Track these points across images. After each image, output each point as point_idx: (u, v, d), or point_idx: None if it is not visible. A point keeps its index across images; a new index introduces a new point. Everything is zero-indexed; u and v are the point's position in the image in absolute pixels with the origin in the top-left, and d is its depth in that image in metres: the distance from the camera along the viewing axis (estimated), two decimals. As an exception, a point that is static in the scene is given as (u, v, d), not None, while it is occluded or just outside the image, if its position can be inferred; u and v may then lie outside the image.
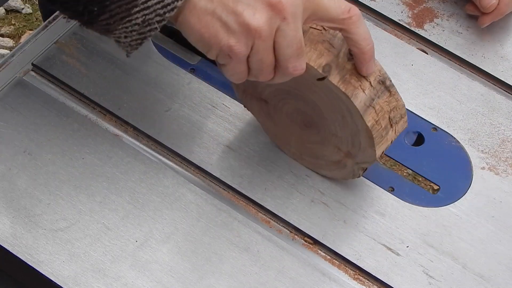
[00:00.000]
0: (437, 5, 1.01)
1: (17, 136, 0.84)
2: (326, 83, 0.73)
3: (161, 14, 0.66)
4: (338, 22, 0.70)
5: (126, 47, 0.70)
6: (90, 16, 0.67)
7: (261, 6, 0.66)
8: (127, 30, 0.68)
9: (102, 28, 0.68)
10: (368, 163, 0.81)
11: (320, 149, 0.82)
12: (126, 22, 0.67)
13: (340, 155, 0.81)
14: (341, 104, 0.75)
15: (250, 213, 0.82)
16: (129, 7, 0.66)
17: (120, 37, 0.69)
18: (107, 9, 0.66)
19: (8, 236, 0.78)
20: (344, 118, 0.76)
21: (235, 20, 0.66)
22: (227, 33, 0.67)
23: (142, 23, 0.67)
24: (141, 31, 0.68)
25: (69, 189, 0.81)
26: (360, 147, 0.79)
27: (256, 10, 0.66)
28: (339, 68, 0.72)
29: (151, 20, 0.67)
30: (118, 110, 0.87)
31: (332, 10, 0.69)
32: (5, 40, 2.16)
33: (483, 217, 0.84)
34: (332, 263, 0.80)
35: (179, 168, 0.84)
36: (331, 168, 0.84)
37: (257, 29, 0.66)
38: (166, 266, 0.78)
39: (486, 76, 0.96)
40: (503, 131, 0.91)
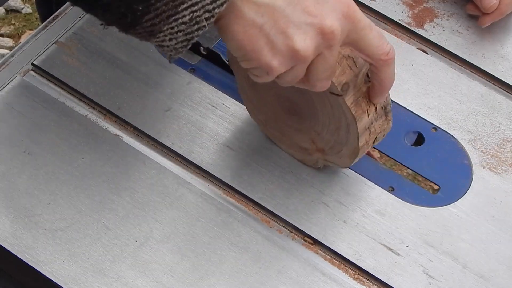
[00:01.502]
0: (437, 5, 1.01)
1: (17, 136, 0.84)
2: (339, 100, 0.73)
3: (210, 10, 0.62)
4: (373, 59, 0.69)
5: (170, 51, 0.66)
6: (134, 17, 0.62)
7: (312, 32, 0.64)
8: (173, 30, 0.63)
9: (146, 30, 0.64)
10: (336, 165, 0.83)
11: (293, 133, 0.83)
12: (173, 22, 0.63)
13: (312, 146, 0.82)
14: (343, 119, 0.75)
15: (250, 213, 0.82)
16: (176, 4, 0.62)
17: (164, 40, 0.64)
18: (152, 8, 0.62)
19: (8, 236, 0.78)
20: (337, 129, 0.78)
21: (283, 41, 0.64)
22: (271, 52, 0.64)
23: (189, 22, 0.63)
24: (188, 30, 0.64)
25: (69, 189, 0.81)
26: (338, 153, 0.80)
27: (307, 35, 0.64)
28: (356, 89, 0.73)
29: (199, 17, 0.63)
30: (118, 110, 0.87)
31: (373, 48, 0.68)
32: (5, 40, 2.16)
33: (483, 217, 0.84)
34: (332, 263, 0.80)
35: (179, 168, 0.84)
36: (294, 148, 0.84)
37: (304, 56, 0.64)
38: (166, 266, 0.78)
39: (486, 76, 0.96)
40: (503, 131, 0.91)
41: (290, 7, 0.63)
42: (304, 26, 0.64)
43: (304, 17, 0.64)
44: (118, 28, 0.65)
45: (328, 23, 0.64)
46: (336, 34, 0.64)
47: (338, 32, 0.64)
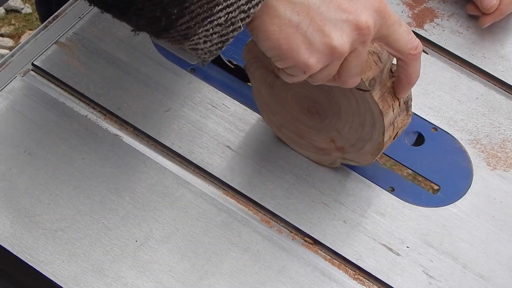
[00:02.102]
0: (437, 5, 1.01)
1: (17, 136, 0.84)
2: (366, 95, 0.73)
3: (245, 11, 0.62)
4: (402, 54, 0.70)
5: (204, 54, 0.65)
6: (168, 20, 0.62)
7: (349, 29, 0.64)
8: (208, 33, 0.63)
9: (180, 34, 0.63)
10: (356, 163, 0.82)
11: (311, 134, 0.83)
12: (208, 24, 0.62)
13: (331, 146, 0.82)
14: (369, 115, 0.76)
15: (250, 213, 0.82)
16: (211, 6, 0.61)
17: (199, 43, 0.64)
18: (187, 11, 0.61)
19: (8, 236, 0.78)
20: (361, 126, 0.77)
21: (320, 39, 0.64)
22: (309, 50, 0.64)
23: (224, 23, 0.62)
24: (223, 32, 0.63)
25: (69, 189, 0.81)
26: (360, 150, 0.80)
27: (344, 32, 0.64)
28: (381, 84, 0.73)
29: (234, 18, 0.62)
30: (118, 110, 0.87)
31: (402, 42, 0.69)
32: (5, 40, 2.16)
33: (483, 217, 0.84)
34: (332, 263, 0.80)
35: (179, 168, 0.84)
36: (310, 150, 0.84)
37: (341, 52, 0.65)
38: (166, 266, 0.78)
39: (486, 76, 0.96)
40: (503, 131, 0.91)
41: (324, 4, 0.64)
42: (340, 23, 0.64)
43: (339, 14, 0.64)
44: (150, 34, 0.64)
45: (363, 18, 0.64)
46: (371, 29, 0.65)
47: (372, 27, 0.65)
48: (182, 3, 0.61)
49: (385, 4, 0.66)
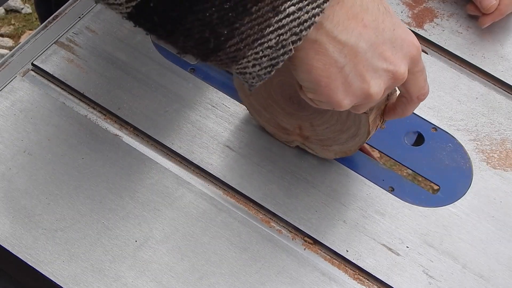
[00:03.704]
0: (437, 5, 1.01)
1: (17, 136, 0.84)
2: (362, 116, 0.75)
3: (297, 33, 0.60)
4: (410, 96, 0.71)
5: (252, 78, 0.63)
6: (217, 42, 0.60)
7: (387, 77, 0.66)
8: (258, 56, 0.61)
9: (229, 56, 0.61)
10: (313, 152, 0.84)
11: (281, 114, 0.83)
12: (258, 46, 0.60)
13: (295, 131, 0.83)
14: (354, 128, 0.78)
15: (250, 213, 0.82)
16: (262, 28, 0.59)
17: (247, 66, 0.62)
18: (237, 32, 0.59)
19: (8, 236, 0.78)
20: (340, 132, 0.79)
21: (359, 84, 0.65)
22: (345, 92, 0.65)
23: (275, 45, 0.61)
24: (274, 55, 0.61)
25: (68, 189, 0.81)
26: (325, 147, 0.82)
27: (382, 80, 0.66)
28: (377, 107, 0.75)
29: (285, 40, 0.60)
30: (118, 110, 0.87)
31: (417, 88, 0.70)
32: (4, 40, 2.16)
33: (483, 217, 0.84)
34: (332, 263, 0.80)
35: (179, 168, 0.84)
36: (271, 124, 0.85)
37: (375, 98, 0.66)
38: (166, 266, 0.78)
39: (486, 76, 0.96)
40: (503, 131, 0.91)
41: (370, 51, 0.64)
42: (381, 71, 0.65)
43: (381, 62, 0.65)
44: (196, 56, 0.62)
45: (402, 70, 0.66)
46: (404, 79, 0.67)
47: (406, 75, 0.67)
48: (232, 23, 0.59)
49: (420, 51, 0.68)
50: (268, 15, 0.59)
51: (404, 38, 0.66)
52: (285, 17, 0.60)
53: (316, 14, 0.60)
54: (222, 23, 0.59)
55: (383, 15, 0.64)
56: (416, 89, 0.70)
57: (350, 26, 0.62)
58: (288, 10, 0.59)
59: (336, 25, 0.62)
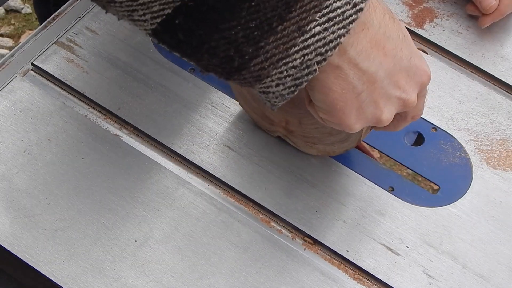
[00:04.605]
0: (437, 5, 1.01)
1: (17, 136, 0.84)
2: None
3: (322, 53, 0.60)
4: (406, 116, 0.72)
5: (275, 98, 0.63)
6: (242, 60, 0.59)
7: (398, 105, 0.67)
8: (282, 75, 0.60)
9: (253, 75, 0.60)
10: (296, 146, 0.84)
11: None
12: (282, 65, 0.60)
13: (281, 124, 0.83)
14: (344, 134, 0.78)
15: (250, 213, 0.82)
16: (287, 47, 0.59)
17: (271, 85, 0.61)
18: (262, 51, 0.59)
19: (8, 236, 0.78)
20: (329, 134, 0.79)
21: (372, 110, 0.65)
22: (358, 117, 0.65)
23: (300, 65, 0.60)
24: (298, 75, 0.60)
25: (68, 189, 0.81)
26: (308, 143, 0.82)
27: (394, 107, 0.67)
28: None
29: (310, 61, 0.60)
30: (118, 110, 0.87)
31: (416, 110, 0.71)
32: (4, 40, 2.16)
33: (483, 217, 0.84)
34: (332, 263, 0.80)
35: (179, 168, 0.84)
36: (256, 112, 0.84)
37: (385, 123, 0.67)
38: (166, 266, 0.78)
39: (486, 76, 0.96)
40: (503, 131, 0.91)
41: (387, 79, 0.65)
42: (394, 99, 0.66)
43: (395, 90, 0.66)
44: (219, 75, 0.62)
45: (413, 98, 0.67)
46: (414, 105, 0.68)
47: (414, 104, 0.68)
48: (257, 42, 0.58)
49: (430, 79, 0.69)
50: (294, 35, 0.59)
51: (418, 67, 0.67)
52: (310, 37, 0.59)
53: (341, 34, 0.60)
54: (248, 41, 0.58)
55: (402, 43, 0.65)
56: (414, 111, 0.71)
57: (372, 55, 0.63)
58: (314, 30, 0.59)
59: (360, 52, 0.62)
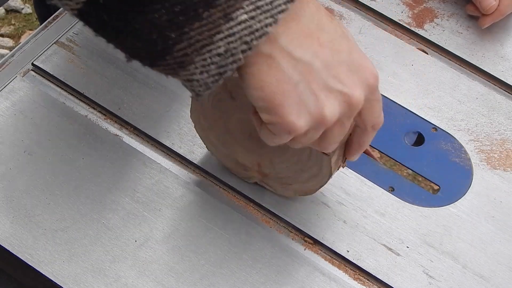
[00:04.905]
0: (437, 5, 1.01)
1: (17, 136, 0.84)
2: (324, 158, 0.73)
3: (247, 42, 0.58)
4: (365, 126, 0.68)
5: (199, 86, 0.61)
6: (165, 45, 0.58)
7: (341, 100, 0.63)
8: (206, 62, 0.59)
9: (176, 61, 0.59)
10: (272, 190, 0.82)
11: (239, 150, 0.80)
12: (206, 53, 0.59)
13: (254, 168, 0.80)
14: (315, 169, 0.75)
15: (250, 213, 0.82)
16: (211, 34, 0.58)
17: (195, 73, 0.60)
18: (186, 37, 0.58)
19: (8, 236, 0.78)
20: (301, 171, 0.77)
21: (314, 103, 0.62)
22: (299, 112, 0.62)
23: (224, 53, 0.59)
24: (222, 63, 0.59)
25: (69, 189, 0.81)
26: (284, 185, 0.80)
27: (336, 102, 0.63)
28: (339, 148, 0.73)
29: (235, 49, 0.58)
30: (118, 110, 0.87)
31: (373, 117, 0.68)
32: (5, 40, 2.16)
33: (483, 217, 0.84)
34: (332, 263, 0.80)
35: (179, 168, 0.84)
36: (229, 159, 0.82)
37: (329, 122, 0.63)
38: (166, 266, 0.78)
39: (486, 76, 0.96)
40: (503, 131, 0.91)
41: (325, 71, 0.62)
42: (335, 93, 0.63)
43: (336, 83, 0.62)
44: (144, 61, 0.61)
45: (356, 94, 0.63)
46: (360, 105, 0.64)
47: (362, 103, 0.64)
48: (181, 27, 0.58)
49: (378, 79, 0.65)
50: (219, 22, 0.58)
51: (361, 64, 0.64)
52: (236, 24, 0.58)
53: (269, 23, 0.59)
54: (171, 26, 0.58)
55: (340, 38, 0.63)
56: (371, 118, 0.68)
57: (305, 43, 0.61)
58: (240, 18, 0.58)
59: (291, 41, 0.60)
